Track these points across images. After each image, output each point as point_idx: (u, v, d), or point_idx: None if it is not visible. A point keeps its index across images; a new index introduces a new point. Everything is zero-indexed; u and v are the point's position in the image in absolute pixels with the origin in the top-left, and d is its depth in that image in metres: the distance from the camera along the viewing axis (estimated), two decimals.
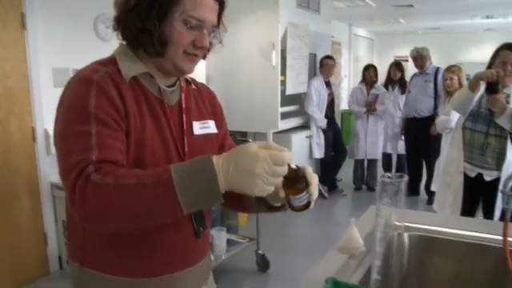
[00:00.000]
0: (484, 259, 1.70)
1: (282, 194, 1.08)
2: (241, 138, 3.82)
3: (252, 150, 0.96)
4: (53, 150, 1.95)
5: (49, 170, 3.46)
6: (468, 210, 3.00)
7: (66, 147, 1.04)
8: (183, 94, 1.25)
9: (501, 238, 1.64)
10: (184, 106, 1.24)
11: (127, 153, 1.08)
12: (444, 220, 2.14)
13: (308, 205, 1.09)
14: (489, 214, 2.92)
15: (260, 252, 3.63)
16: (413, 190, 5.87)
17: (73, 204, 0.98)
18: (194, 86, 1.32)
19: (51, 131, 1.78)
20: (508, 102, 2.74)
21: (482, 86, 2.81)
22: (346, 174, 6.37)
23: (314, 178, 1.09)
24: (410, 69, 9.37)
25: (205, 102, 1.33)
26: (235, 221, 4.35)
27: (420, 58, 5.49)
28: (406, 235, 1.81)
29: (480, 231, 1.78)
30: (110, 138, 1.03)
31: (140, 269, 1.17)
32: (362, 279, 1.42)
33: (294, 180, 1.04)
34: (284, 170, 0.98)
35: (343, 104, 8.96)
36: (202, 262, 1.30)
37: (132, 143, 1.09)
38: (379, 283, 1.30)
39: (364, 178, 6.28)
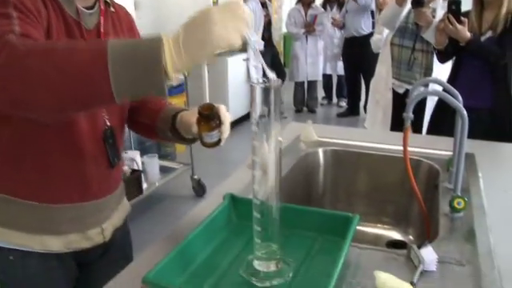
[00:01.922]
0: (397, 170, 1.70)
1: (195, 129, 1.08)
2: None
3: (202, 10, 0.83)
4: None
5: None
6: (397, 126, 3.02)
7: None
8: (102, 18, 1.13)
9: (416, 149, 1.65)
10: (102, 30, 1.13)
11: None
12: (358, 134, 2.13)
13: (219, 142, 1.11)
14: (417, 129, 2.96)
15: (196, 177, 3.59)
16: (353, 110, 5.94)
17: None
18: (112, 9, 1.19)
19: None
20: (434, 17, 2.69)
21: (410, 2, 2.74)
22: (286, 96, 6.32)
23: (226, 118, 1.10)
24: None
25: (123, 27, 1.22)
26: (172, 148, 4.26)
27: None
28: (320, 150, 1.78)
29: (394, 144, 1.77)
30: (30, 26, 0.90)
31: (51, 196, 1.11)
32: None
33: (208, 118, 1.05)
34: (243, 13, 0.83)
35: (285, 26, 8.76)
36: (116, 191, 1.27)
37: None
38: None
39: (304, 100, 6.28)
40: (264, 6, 5.55)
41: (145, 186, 3.12)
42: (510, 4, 2.30)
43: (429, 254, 0.99)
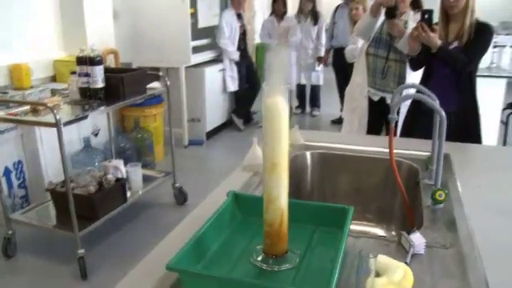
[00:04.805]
0: (378, 171, 1.83)
1: None
2: (152, 72, 3.72)
3: None
4: None
5: None
6: (373, 132, 3.18)
7: None
8: None
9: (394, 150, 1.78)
10: None
11: None
12: (342, 138, 2.26)
13: None
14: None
15: (177, 185, 3.65)
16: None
17: None
18: None
19: None
20: (406, 28, 2.86)
21: (383, 13, 2.91)
22: (261, 106, 6.44)
23: None
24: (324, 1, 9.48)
25: None
26: (151, 157, 4.33)
27: None
28: (307, 153, 1.90)
29: (375, 146, 1.91)
30: None
31: None
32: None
33: None
34: None
35: (258, 37, 8.92)
36: None
37: None
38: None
39: None
40: (239, 17, 5.67)
41: (128, 194, 3.18)
42: (472, 17, 2.50)
43: (418, 239, 1.11)
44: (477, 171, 1.76)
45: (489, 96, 3.39)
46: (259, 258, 1.07)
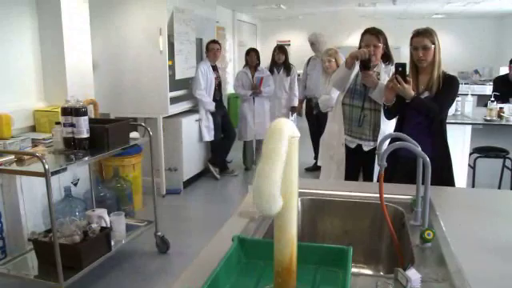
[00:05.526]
0: (365, 214, 1.94)
1: None
2: (133, 122, 3.79)
3: None
4: None
5: None
6: (351, 178, 3.31)
7: None
8: None
9: (376, 195, 1.89)
10: None
11: None
12: (330, 185, 2.37)
13: None
14: (368, 180, 3.26)
15: (159, 234, 3.66)
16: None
17: None
18: None
19: None
20: (379, 79, 3.06)
21: (357, 66, 3.10)
22: (235, 155, 6.57)
23: None
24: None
25: None
26: (131, 206, 4.32)
27: (318, 42, 5.82)
28: (299, 200, 1.99)
29: (360, 191, 2.02)
30: None
31: None
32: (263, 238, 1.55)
33: None
34: None
35: (229, 88, 9.15)
36: None
37: None
38: None
39: (253, 158, 6.53)
40: (214, 68, 5.86)
41: (112, 243, 3.17)
42: (440, 69, 2.72)
43: (413, 274, 1.21)
44: (455, 212, 1.89)
45: (456, 142, 3.60)
46: None
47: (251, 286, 1.22)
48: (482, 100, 5.84)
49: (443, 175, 2.71)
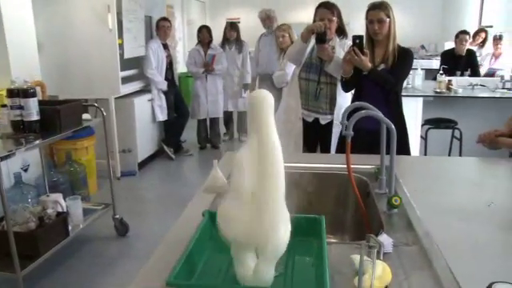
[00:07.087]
0: (330, 185, 1.96)
1: None
2: (85, 103, 3.65)
3: None
4: None
5: None
6: (309, 151, 3.34)
7: None
8: None
9: (338, 166, 1.92)
10: None
11: None
12: (292, 157, 2.38)
13: None
14: (327, 150, 3.30)
15: (117, 216, 3.58)
16: None
17: None
18: None
19: None
20: (334, 53, 3.08)
21: (313, 40, 3.10)
22: (190, 134, 6.49)
23: None
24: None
25: None
26: (85, 190, 4.20)
27: (268, 19, 5.78)
28: None
29: (322, 163, 2.04)
30: None
31: None
32: None
33: None
34: None
35: (180, 67, 8.98)
36: None
37: None
38: None
39: (208, 137, 6.48)
40: (165, 47, 5.72)
41: (69, 228, 3.07)
42: (394, 42, 2.76)
43: (386, 239, 1.23)
44: (415, 178, 1.94)
45: (409, 114, 3.70)
46: None
47: (225, 263, 1.21)
48: (429, 74, 6.01)
49: (400, 145, 2.77)
